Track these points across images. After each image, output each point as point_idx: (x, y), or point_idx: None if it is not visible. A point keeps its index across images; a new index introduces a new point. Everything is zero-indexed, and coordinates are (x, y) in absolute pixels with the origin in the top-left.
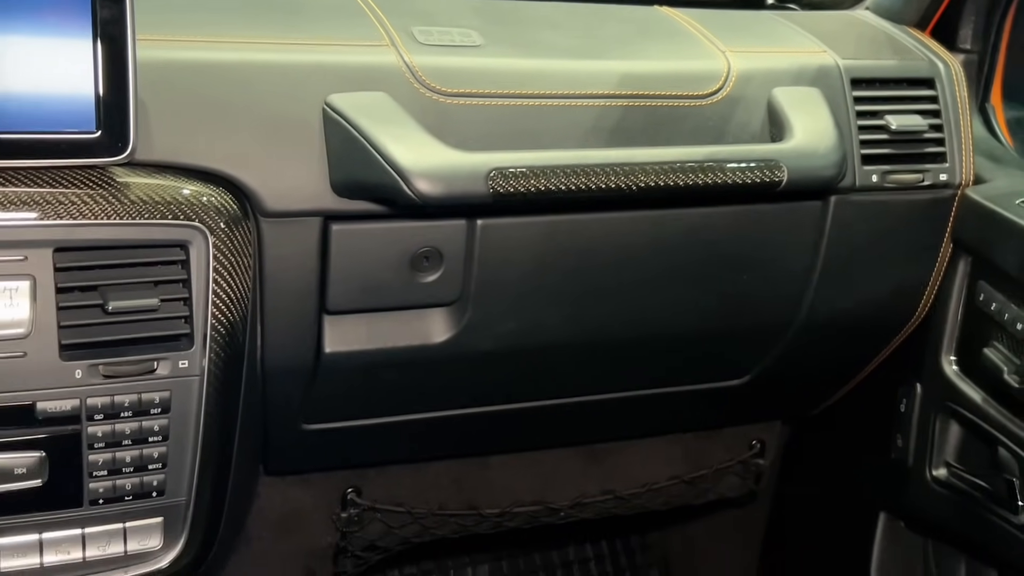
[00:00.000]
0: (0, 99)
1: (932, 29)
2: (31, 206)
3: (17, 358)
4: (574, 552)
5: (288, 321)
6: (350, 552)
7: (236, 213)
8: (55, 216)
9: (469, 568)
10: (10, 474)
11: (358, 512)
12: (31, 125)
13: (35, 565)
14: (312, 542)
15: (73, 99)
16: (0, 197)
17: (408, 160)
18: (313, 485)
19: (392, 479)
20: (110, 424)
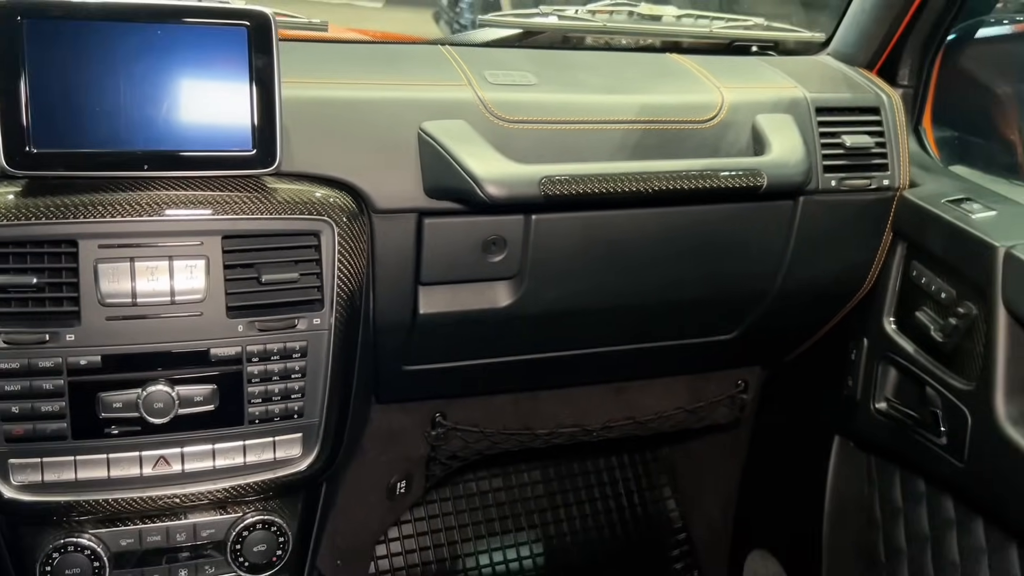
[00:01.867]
0: (184, 126)
1: (878, 70)
2: (206, 205)
3: (196, 316)
4: (603, 463)
5: (392, 290)
6: (437, 460)
7: (354, 210)
8: (223, 212)
9: (525, 473)
10: (191, 401)
11: (443, 431)
12: (206, 145)
13: (210, 467)
14: (409, 452)
15: (235, 126)
16: (184, 198)
17: (481, 171)
18: (410, 411)
19: (469, 406)
20: (263, 365)
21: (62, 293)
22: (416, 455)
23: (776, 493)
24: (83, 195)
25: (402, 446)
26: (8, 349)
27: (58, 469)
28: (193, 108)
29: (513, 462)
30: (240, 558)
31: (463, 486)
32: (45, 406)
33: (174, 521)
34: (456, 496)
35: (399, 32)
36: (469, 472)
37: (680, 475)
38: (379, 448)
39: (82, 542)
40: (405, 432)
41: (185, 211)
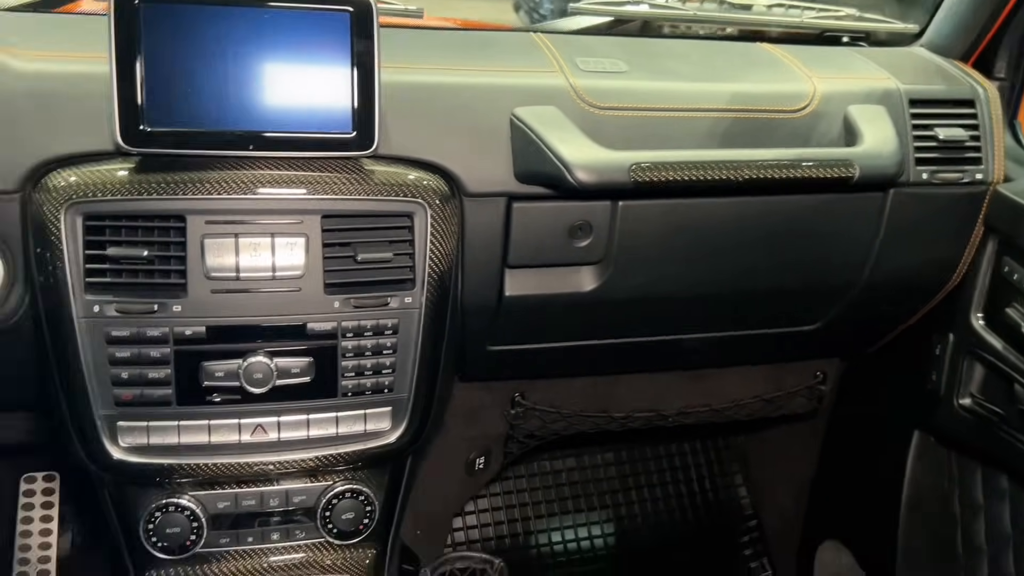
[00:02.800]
0: (288, 108)
1: (973, 62)
2: (306, 185)
3: (295, 292)
4: (675, 448)
5: (480, 272)
6: (515, 439)
7: (447, 193)
8: (322, 192)
9: (599, 455)
10: (288, 372)
11: (522, 410)
12: (308, 127)
13: (304, 437)
14: (489, 430)
15: (336, 109)
16: (286, 178)
17: (571, 156)
18: (492, 390)
19: (548, 387)
20: (357, 340)
21: (170, 266)
22: (495, 433)
23: (852, 485)
24: (191, 172)
25: (482, 424)
26: (120, 318)
27: (162, 433)
28: (296, 91)
29: (587, 444)
30: (329, 524)
31: (538, 465)
32: (152, 373)
33: (268, 487)
34: (531, 474)
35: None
36: (544, 452)
37: (752, 463)
38: (460, 425)
39: (182, 503)
40: (485, 410)
41: (287, 190)
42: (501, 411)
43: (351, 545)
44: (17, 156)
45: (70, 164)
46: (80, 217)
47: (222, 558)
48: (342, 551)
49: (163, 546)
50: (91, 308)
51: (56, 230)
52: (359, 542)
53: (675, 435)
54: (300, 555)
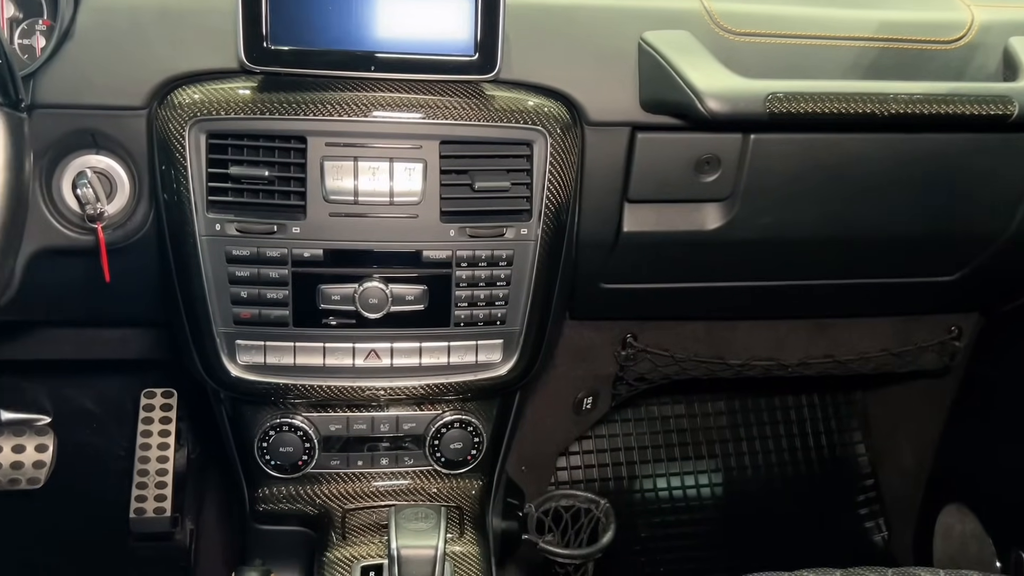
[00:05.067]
0: (410, 29)
1: None
2: (426, 109)
3: (412, 218)
4: (791, 400)
5: (598, 205)
6: (624, 380)
7: (568, 121)
8: (442, 117)
9: (709, 403)
10: (403, 299)
11: (634, 352)
12: (430, 49)
13: (416, 364)
14: (598, 370)
15: (459, 31)
16: (405, 101)
17: (703, 84)
18: (602, 329)
19: (661, 329)
20: (471, 270)
21: (290, 187)
22: (604, 373)
23: (982, 447)
24: (313, 93)
25: (591, 363)
26: (240, 237)
27: (279, 353)
28: (420, 11)
29: (697, 390)
30: (437, 453)
31: (645, 409)
32: (271, 293)
33: (378, 412)
34: (637, 418)
35: None
36: (652, 395)
37: (873, 420)
38: (569, 363)
39: (295, 423)
40: (595, 350)
41: (406, 114)
42: (611, 352)
43: (458, 475)
44: (144, 72)
45: (195, 81)
46: (204, 135)
47: (332, 479)
48: (448, 480)
49: (276, 464)
50: (213, 226)
51: (181, 147)
52: (465, 472)
53: (792, 386)
54: (407, 481)
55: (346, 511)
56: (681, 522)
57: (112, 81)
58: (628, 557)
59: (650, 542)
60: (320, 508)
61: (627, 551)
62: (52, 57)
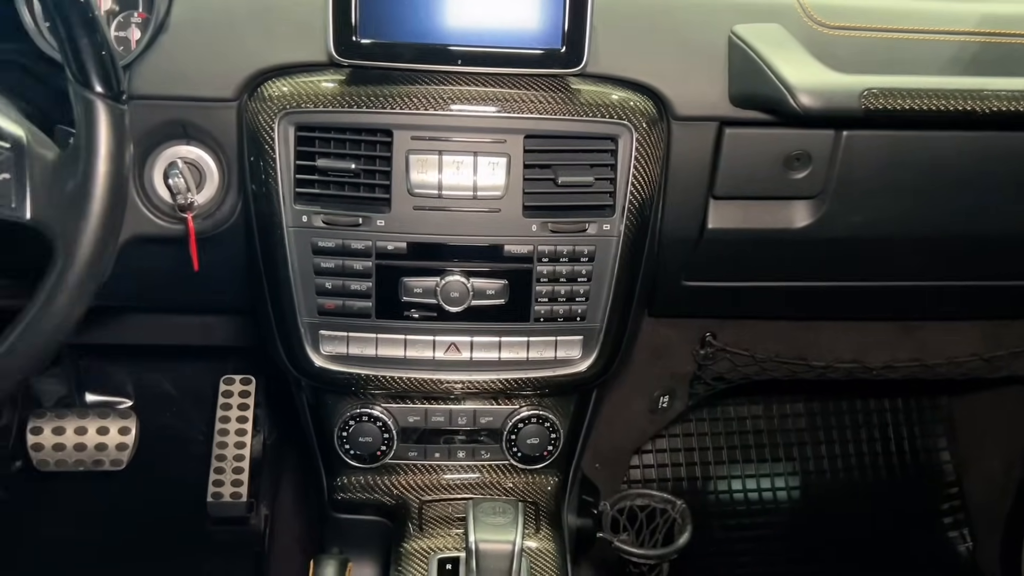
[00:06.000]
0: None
1: None
2: (511, 103)
3: (494, 213)
4: (873, 404)
5: (682, 201)
6: (702, 380)
7: (654, 115)
8: (527, 111)
9: (787, 404)
10: (483, 293)
11: (712, 351)
12: (517, 42)
13: (495, 358)
14: (675, 368)
15: (547, 24)
16: (491, 95)
17: (796, 78)
18: (680, 327)
19: (741, 328)
20: (552, 266)
21: (375, 180)
22: (681, 372)
23: None
24: (399, 87)
25: (668, 361)
26: (326, 229)
27: (361, 344)
28: (508, 5)
29: (775, 391)
30: (514, 448)
31: (721, 409)
32: (354, 285)
33: (456, 405)
34: (713, 418)
35: None
36: (727, 395)
37: (959, 426)
38: (646, 361)
39: (375, 413)
40: (673, 348)
41: (492, 108)
42: (689, 350)
43: (534, 470)
44: (236, 65)
45: (284, 74)
46: (292, 127)
47: (409, 470)
48: (524, 475)
49: (355, 454)
50: (300, 218)
51: (270, 139)
52: (541, 468)
53: (873, 389)
54: (483, 475)
55: (423, 502)
56: (756, 525)
57: (204, 73)
58: (703, 559)
59: (725, 544)
60: (397, 499)
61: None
62: (147, 49)
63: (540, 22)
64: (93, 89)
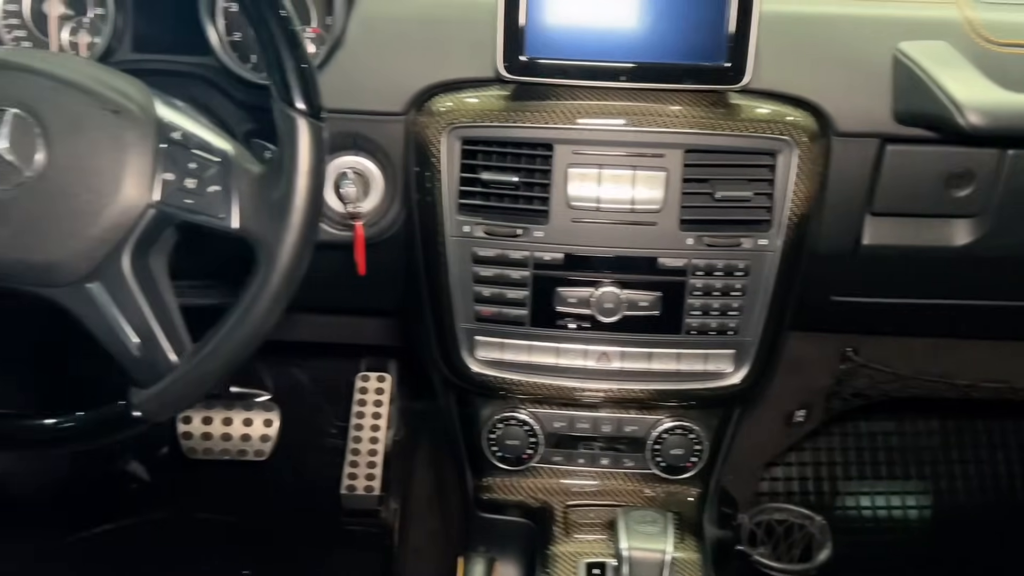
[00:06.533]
0: (661, 38)
1: None
2: (672, 118)
3: (651, 226)
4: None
5: (838, 217)
6: (840, 395)
7: (816, 131)
8: (687, 126)
9: (921, 422)
10: (636, 305)
11: (853, 367)
12: (680, 57)
13: (645, 369)
14: (812, 382)
15: (711, 40)
16: (651, 110)
17: (965, 96)
18: (820, 341)
19: (883, 344)
20: (706, 279)
21: (535, 193)
22: (818, 387)
23: None
24: (561, 102)
25: (805, 376)
26: (486, 239)
27: (515, 351)
28: (672, 20)
29: (910, 408)
30: (658, 458)
31: (852, 424)
32: (511, 293)
33: (601, 413)
34: (844, 433)
35: None
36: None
37: None
38: (783, 374)
39: (524, 417)
40: (812, 362)
41: (652, 123)
42: (829, 365)
43: (675, 481)
44: (406, 80)
45: (450, 89)
46: (459, 141)
47: (553, 474)
48: (665, 485)
49: (501, 456)
50: (461, 228)
51: (436, 152)
52: (683, 479)
53: (1015, 410)
54: (625, 483)
55: (567, 507)
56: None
57: (376, 88)
58: None
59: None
60: (541, 502)
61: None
62: (324, 64)
63: (704, 38)
64: (295, 106)
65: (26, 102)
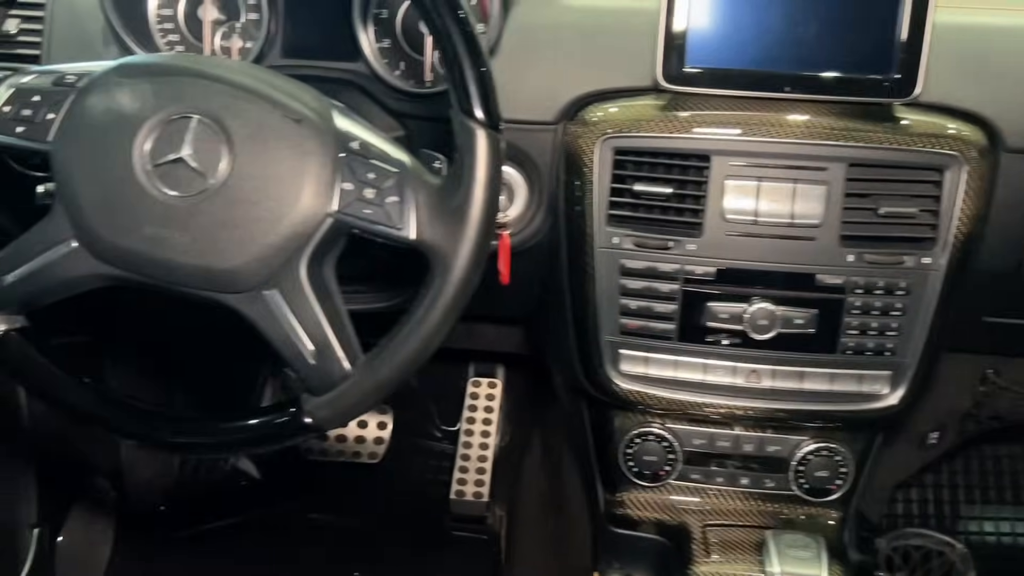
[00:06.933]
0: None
1: None
2: (835, 130)
3: (809, 241)
4: None
5: (1004, 235)
6: (976, 418)
7: (985, 146)
8: (852, 139)
9: None
10: (791, 322)
11: (993, 388)
12: (848, 69)
13: (796, 388)
14: (947, 404)
15: (881, 51)
16: (814, 123)
17: None
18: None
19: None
20: (864, 298)
21: (689, 204)
22: (954, 408)
23: None
24: (719, 112)
25: (943, 397)
26: (635, 251)
27: (660, 366)
28: (839, 28)
29: None
30: (801, 479)
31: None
32: (659, 307)
33: (743, 431)
34: (968, 456)
35: None
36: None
37: None
38: None
39: (661, 433)
40: (949, 383)
41: (814, 135)
42: (968, 386)
43: (816, 503)
44: (559, 89)
45: (604, 99)
46: (611, 152)
47: (689, 491)
48: (806, 507)
49: (637, 471)
50: (610, 239)
51: (588, 162)
52: (825, 501)
53: None
54: (764, 504)
55: (706, 526)
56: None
57: (528, 97)
58: None
59: None
60: (678, 520)
61: None
62: None
63: (872, 48)
64: (475, 118)
65: (209, 110)
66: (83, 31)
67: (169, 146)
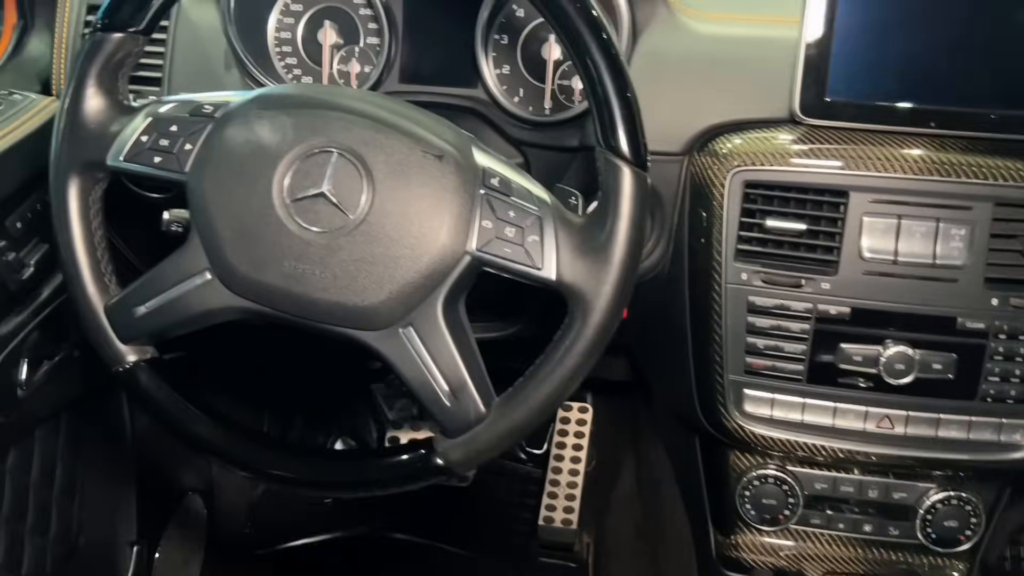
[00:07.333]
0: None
1: None
2: (979, 168)
3: (951, 283)
4: None
5: None
6: None
7: None
8: (999, 178)
9: None
10: (929, 367)
11: None
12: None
13: (931, 435)
14: None
15: None
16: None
17: None
18: None
19: None
20: (1009, 343)
21: (823, 242)
22: None
23: None
24: (859, 146)
25: None
26: (764, 288)
27: (787, 408)
28: (986, 62)
29: None
30: (928, 528)
31: None
32: (788, 347)
33: (868, 476)
34: None
35: None
36: None
37: None
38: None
39: (784, 476)
40: None
41: (959, 173)
42: None
43: (943, 553)
44: (688, 120)
45: (735, 129)
46: (741, 185)
47: (810, 538)
48: (931, 558)
49: (754, 514)
50: (738, 275)
51: (718, 195)
52: (952, 552)
53: None
54: (886, 553)
55: (825, 574)
56: None
57: (656, 127)
58: None
59: None
60: (796, 566)
61: None
62: None
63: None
64: (622, 155)
65: (350, 145)
66: (204, 55)
67: (309, 181)
